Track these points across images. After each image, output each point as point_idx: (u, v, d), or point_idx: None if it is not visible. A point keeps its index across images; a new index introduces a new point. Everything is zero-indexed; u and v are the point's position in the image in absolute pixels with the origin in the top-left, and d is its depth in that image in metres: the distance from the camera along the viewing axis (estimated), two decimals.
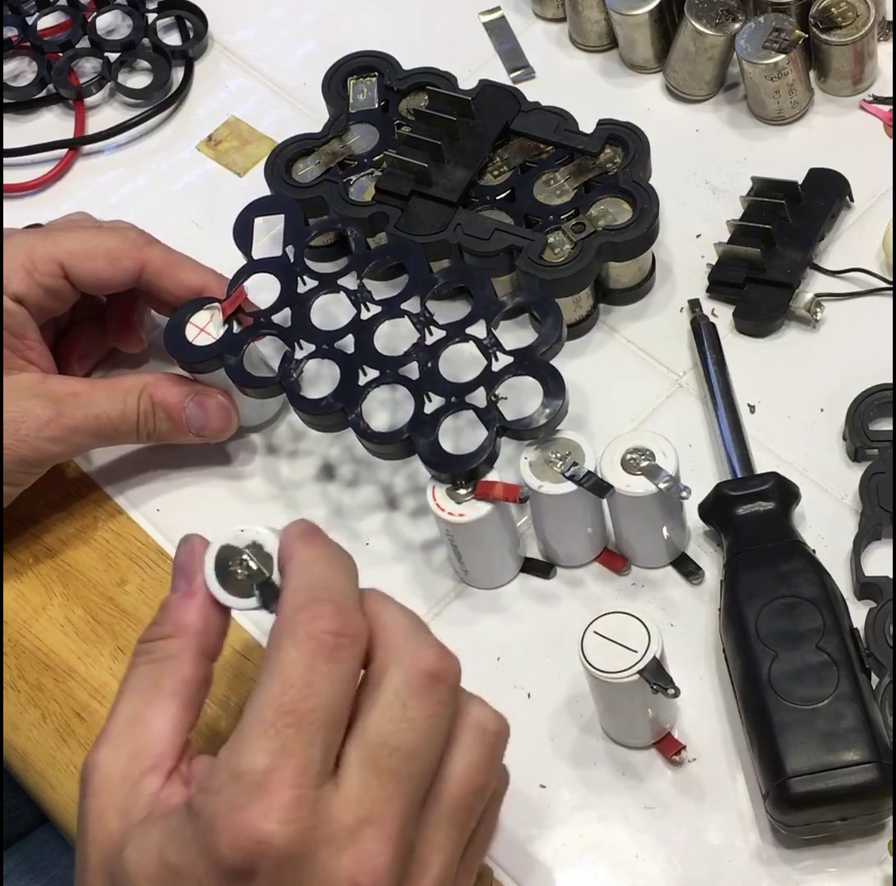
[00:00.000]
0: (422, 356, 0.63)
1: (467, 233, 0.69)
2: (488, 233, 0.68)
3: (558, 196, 0.69)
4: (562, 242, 0.68)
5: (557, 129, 0.70)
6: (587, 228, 0.68)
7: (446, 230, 0.69)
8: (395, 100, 0.73)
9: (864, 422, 0.65)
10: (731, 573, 0.60)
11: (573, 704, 0.61)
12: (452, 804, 0.48)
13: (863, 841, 0.56)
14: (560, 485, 0.60)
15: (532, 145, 0.71)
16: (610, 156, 0.70)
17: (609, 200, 0.69)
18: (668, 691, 0.54)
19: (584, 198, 0.69)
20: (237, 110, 0.83)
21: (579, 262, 0.67)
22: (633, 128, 0.70)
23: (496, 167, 0.71)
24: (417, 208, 0.70)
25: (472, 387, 0.62)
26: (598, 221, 0.68)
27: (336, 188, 0.71)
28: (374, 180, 0.71)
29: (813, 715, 0.55)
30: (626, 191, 0.68)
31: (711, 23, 0.75)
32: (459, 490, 0.60)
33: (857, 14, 0.74)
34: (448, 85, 0.73)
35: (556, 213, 0.69)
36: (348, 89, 0.74)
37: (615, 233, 0.67)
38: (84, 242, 0.67)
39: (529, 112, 0.71)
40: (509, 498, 0.59)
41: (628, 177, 0.69)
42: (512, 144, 0.71)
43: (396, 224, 0.70)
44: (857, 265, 0.71)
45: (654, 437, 0.61)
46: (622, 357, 0.70)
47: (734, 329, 0.70)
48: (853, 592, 0.61)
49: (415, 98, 0.73)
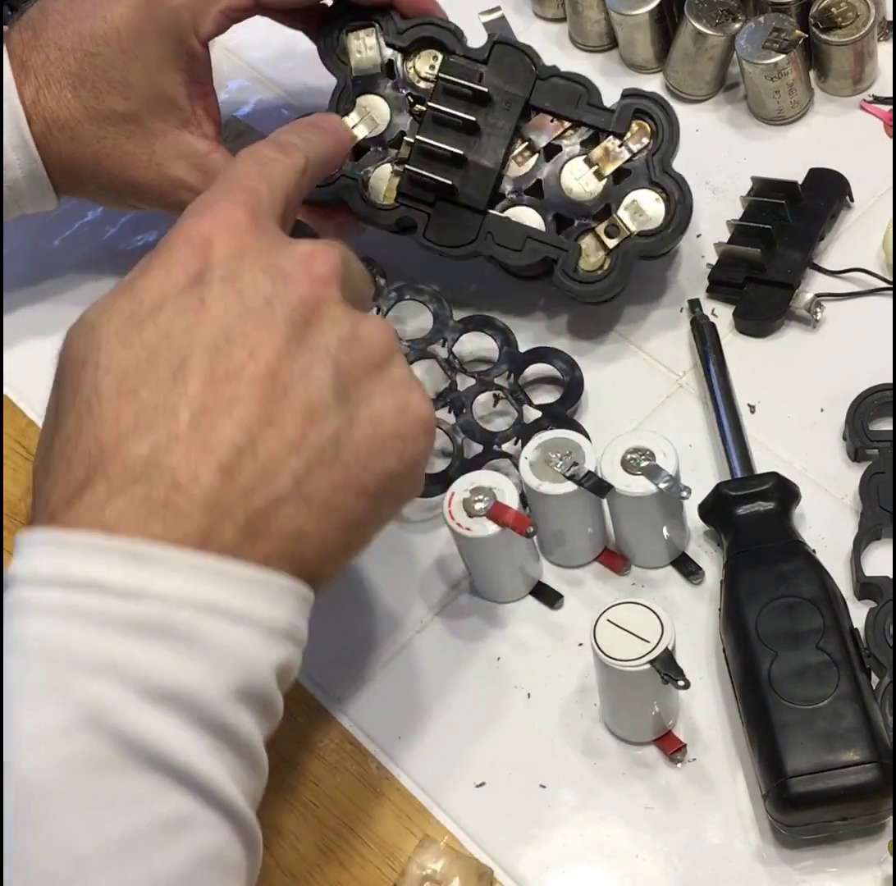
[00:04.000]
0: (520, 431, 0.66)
1: (499, 243, 0.68)
2: (520, 243, 0.68)
3: (587, 188, 0.67)
4: (595, 248, 0.67)
5: (580, 103, 0.68)
6: (620, 232, 0.67)
7: (477, 240, 0.68)
8: (399, 62, 0.70)
9: (864, 422, 0.65)
10: (731, 573, 0.60)
11: (573, 704, 0.61)
12: None
13: (863, 841, 0.56)
14: (560, 485, 0.60)
15: (554, 124, 0.68)
16: (638, 134, 0.67)
17: (639, 192, 0.67)
18: (679, 682, 0.54)
19: (614, 191, 0.67)
20: (237, 110, 0.83)
21: (617, 275, 0.66)
22: (661, 102, 0.67)
23: (520, 152, 0.68)
24: (445, 212, 0.68)
25: None
26: (631, 222, 0.66)
27: (356, 187, 0.69)
28: (393, 168, 0.69)
29: (813, 715, 0.55)
30: (656, 183, 0.66)
31: (711, 23, 0.75)
32: (476, 504, 0.60)
33: (857, 14, 0.74)
34: (453, 40, 0.69)
35: (587, 213, 0.67)
36: (348, 49, 0.70)
37: (650, 238, 0.66)
38: None
39: (547, 79, 0.68)
40: (517, 527, 0.59)
41: (659, 166, 0.67)
42: (533, 122, 0.68)
43: (425, 234, 0.69)
44: (857, 265, 0.71)
45: (654, 437, 0.61)
46: (622, 357, 0.70)
47: (734, 329, 0.70)
48: (853, 592, 0.61)
49: (421, 60, 0.70)
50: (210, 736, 0.44)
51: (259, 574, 0.46)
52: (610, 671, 0.55)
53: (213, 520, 0.45)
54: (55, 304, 0.76)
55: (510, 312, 0.72)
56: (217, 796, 0.44)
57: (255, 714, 0.46)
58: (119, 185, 0.69)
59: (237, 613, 0.45)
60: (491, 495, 0.60)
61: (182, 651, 0.44)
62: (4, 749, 0.43)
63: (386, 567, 0.66)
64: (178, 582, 0.44)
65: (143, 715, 0.43)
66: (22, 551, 0.46)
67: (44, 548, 0.45)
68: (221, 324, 0.47)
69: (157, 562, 0.44)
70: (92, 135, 0.67)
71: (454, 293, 0.72)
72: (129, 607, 0.44)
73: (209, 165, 0.68)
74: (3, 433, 0.73)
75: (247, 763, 0.46)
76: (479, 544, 0.60)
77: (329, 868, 0.59)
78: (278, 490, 0.46)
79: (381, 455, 0.49)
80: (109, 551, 0.44)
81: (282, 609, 0.46)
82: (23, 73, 0.66)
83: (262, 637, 0.45)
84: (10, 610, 0.45)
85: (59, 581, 0.44)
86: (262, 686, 0.46)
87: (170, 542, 0.45)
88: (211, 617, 0.44)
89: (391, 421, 0.49)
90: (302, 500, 0.47)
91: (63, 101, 0.66)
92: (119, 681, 0.43)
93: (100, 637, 0.43)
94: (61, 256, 0.79)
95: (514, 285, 0.73)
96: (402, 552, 0.66)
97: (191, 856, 0.44)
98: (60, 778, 0.42)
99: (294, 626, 0.47)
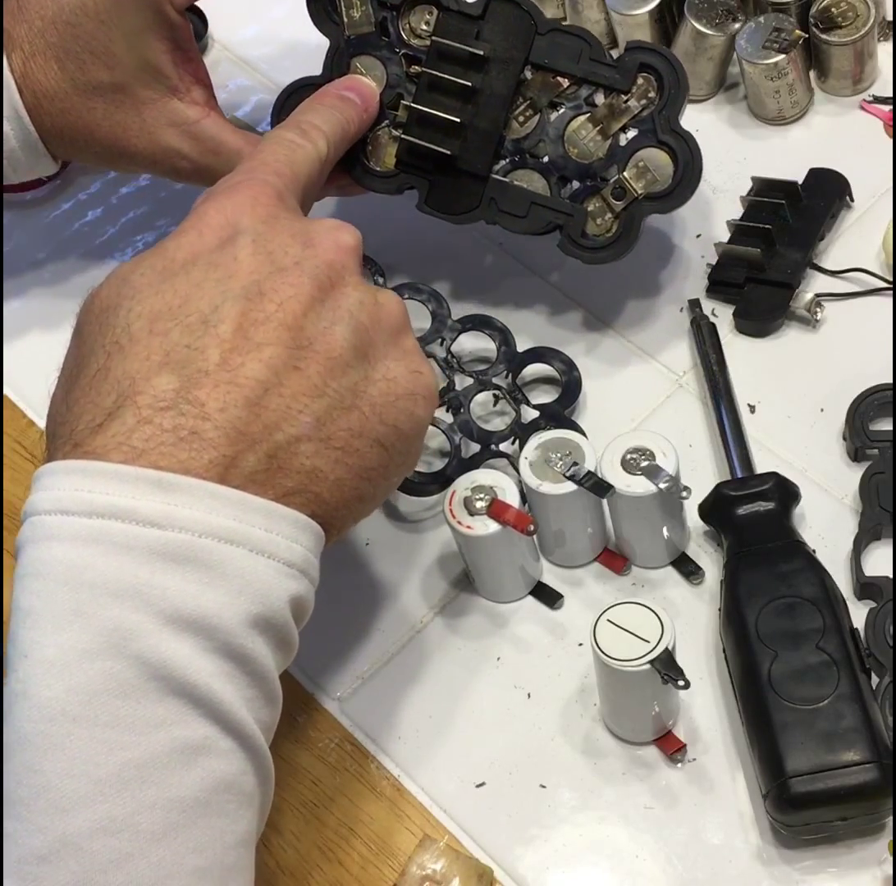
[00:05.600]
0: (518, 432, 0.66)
1: (503, 210, 0.66)
2: (525, 209, 0.66)
3: (592, 148, 0.65)
4: (602, 211, 0.66)
5: (582, 59, 0.65)
6: (627, 194, 0.65)
7: (480, 206, 0.67)
8: (393, 20, 0.67)
9: (864, 422, 0.65)
10: (731, 573, 0.60)
11: (573, 704, 0.61)
12: None
13: (863, 841, 0.56)
14: (560, 485, 0.60)
15: (556, 81, 0.66)
16: (643, 88, 0.65)
17: (646, 151, 0.65)
18: (679, 682, 0.54)
19: (620, 151, 0.65)
20: (237, 110, 0.83)
21: (625, 239, 0.65)
22: (667, 54, 0.65)
23: (521, 112, 0.66)
24: (445, 178, 0.67)
25: None
26: (638, 182, 0.65)
27: (355, 153, 0.67)
28: (392, 133, 0.67)
29: (813, 715, 0.55)
30: (663, 142, 0.64)
31: (711, 23, 0.75)
32: (477, 502, 0.60)
33: (857, 14, 0.74)
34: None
35: (594, 174, 0.66)
36: (339, 6, 0.68)
37: (658, 200, 0.65)
38: None
39: (547, 34, 0.65)
40: (518, 526, 0.59)
41: (665, 123, 0.64)
42: (534, 79, 0.66)
43: (427, 201, 0.67)
44: (857, 265, 0.71)
45: (654, 437, 0.61)
46: (622, 357, 0.70)
47: (734, 329, 0.70)
48: (853, 592, 0.61)
49: (415, 16, 0.67)
50: (229, 663, 0.45)
51: (278, 507, 0.48)
52: (610, 671, 0.55)
53: (238, 452, 0.47)
54: (55, 304, 0.76)
55: (510, 312, 0.72)
56: (234, 724, 0.45)
57: (271, 644, 0.47)
58: (113, 153, 0.69)
59: (257, 544, 0.46)
60: (492, 494, 0.60)
61: (204, 578, 0.45)
62: (26, 672, 0.44)
63: (386, 566, 0.66)
64: (202, 512, 0.46)
65: (164, 641, 0.44)
66: (42, 483, 0.46)
67: (67, 477, 0.46)
68: (253, 278, 0.50)
69: (183, 491, 0.46)
70: (81, 106, 0.67)
71: (453, 292, 0.72)
72: (154, 534, 0.45)
73: (200, 132, 0.67)
74: (4, 433, 0.73)
75: (263, 692, 0.47)
76: (479, 543, 0.60)
77: (329, 868, 0.59)
78: (300, 428, 0.49)
79: (395, 410, 0.52)
80: (136, 478, 0.45)
81: (298, 543, 0.48)
82: (9, 44, 0.66)
83: (279, 568, 0.47)
84: (32, 538, 0.45)
85: (83, 508, 0.45)
86: (278, 616, 0.47)
87: (194, 470, 0.46)
88: (233, 546, 0.46)
89: (403, 381, 0.52)
90: (321, 441, 0.49)
91: (50, 72, 0.66)
92: (142, 607, 0.44)
93: (124, 563, 0.45)
94: (61, 256, 0.79)
95: (513, 285, 0.73)
96: (403, 551, 0.66)
97: (207, 781, 0.45)
98: (81, 702, 0.43)
99: (309, 562, 0.49)
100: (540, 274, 0.73)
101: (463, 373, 0.68)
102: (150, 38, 0.66)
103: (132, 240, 0.79)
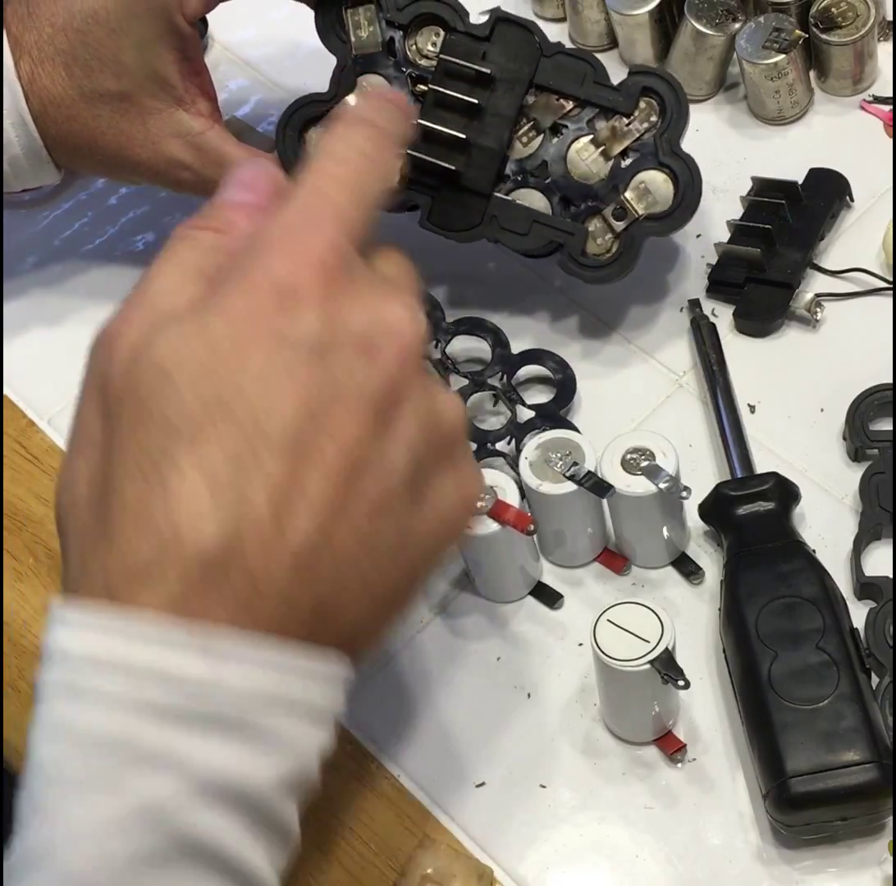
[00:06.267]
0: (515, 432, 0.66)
1: (504, 227, 0.67)
2: (526, 227, 0.67)
3: (594, 169, 0.66)
4: (603, 231, 0.66)
5: (586, 82, 0.66)
6: (628, 214, 0.66)
7: (482, 224, 0.67)
8: (400, 41, 0.68)
9: (864, 422, 0.65)
10: (731, 573, 0.60)
11: (573, 704, 0.61)
12: None
13: (863, 841, 0.56)
14: (560, 485, 0.60)
15: (559, 103, 0.67)
16: (645, 112, 0.66)
17: (647, 173, 0.66)
18: (679, 682, 0.54)
19: (621, 172, 0.66)
20: (237, 110, 0.83)
21: (625, 259, 0.66)
22: (669, 79, 0.66)
23: (525, 132, 0.67)
24: (449, 195, 0.67)
25: None
26: (639, 203, 0.65)
27: None
28: None
29: (813, 715, 0.55)
30: (664, 164, 0.65)
31: (711, 23, 0.75)
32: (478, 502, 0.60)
33: (857, 14, 0.74)
34: (454, 16, 0.67)
35: (595, 195, 0.66)
36: (346, 25, 0.69)
37: (658, 221, 0.66)
38: None
39: (552, 57, 0.67)
40: (518, 525, 0.59)
41: (667, 146, 0.65)
42: (538, 101, 0.67)
43: (429, 217, 0.68)
44: (857, 265, 0.71)
45: (654, 437, 0.61)
46: (622, 357, 0.70)
47: (734, 329, 0.70)
48: (853, 592, 0.61)
49: (422, 37, 0.68)
50: (263, 829, 0.43)
51: (320, 666, 0.44)
52: (610, 671, 0.55)
53: (283, 613, 0.43)
54: (55, 304, 0.76)
55: (510, 313, 0.72)
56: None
57: (299, 799, 0.45)
58: (116, 163, 0.69)
59: (300, 707, 0.44)
60: (492, 494, 0.60)
61: (246, 746, 0.42)
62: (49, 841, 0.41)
63: None
64: (249, 677, 0.42)
65: (202, 814, 0.42)
66: (70, 621, 0.42)
67: (101, 627, 0.42)
68: (304, 397, 0.43)
69: (229, 654, 0.42)
70: (87, 113, 0.67)
71: (447, 295, 0.72)
72: (200, 701, 0.42)
73: (204, 143, 0.68)
74: (3, 433, 0.73)
75: (286, 849, 0.45)
76: (479, 542, 0.60)
77: (329, 868, 0.59)
78: (346, 590, 0.44)
79: (442, 548, 0.48)
80: (179, 640, 0.42)
81: (336, 698, 0.45)
82: (18, 50, 0.66)
83: (316, 725, 0.44)
84: (57, 691, 0.42)
85: (121, 667, 0.41)
86: (310, 773, 0.45)
87: (238, 631, 0.42)
88: (278, 711, 0.43)
89: (454, 513, 0.48)
90: (367, 598, 0.45)
91: (57, 79, 0.66)
92: (182, 777, 0.41)
93: (165, 730, 0.41)
94: (61, 256, 0.79)
95: (514, 286, 0.73)
96: None
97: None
98: (110, 873, 0.41)
99: (341, 709, 0.46)
100: (541, 275, 0.73)
101: (458, 374, 0.68)
102: (160, 48, 0.66)
103: (132, 240, 0.79)
